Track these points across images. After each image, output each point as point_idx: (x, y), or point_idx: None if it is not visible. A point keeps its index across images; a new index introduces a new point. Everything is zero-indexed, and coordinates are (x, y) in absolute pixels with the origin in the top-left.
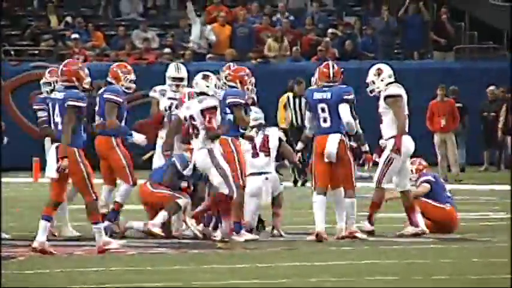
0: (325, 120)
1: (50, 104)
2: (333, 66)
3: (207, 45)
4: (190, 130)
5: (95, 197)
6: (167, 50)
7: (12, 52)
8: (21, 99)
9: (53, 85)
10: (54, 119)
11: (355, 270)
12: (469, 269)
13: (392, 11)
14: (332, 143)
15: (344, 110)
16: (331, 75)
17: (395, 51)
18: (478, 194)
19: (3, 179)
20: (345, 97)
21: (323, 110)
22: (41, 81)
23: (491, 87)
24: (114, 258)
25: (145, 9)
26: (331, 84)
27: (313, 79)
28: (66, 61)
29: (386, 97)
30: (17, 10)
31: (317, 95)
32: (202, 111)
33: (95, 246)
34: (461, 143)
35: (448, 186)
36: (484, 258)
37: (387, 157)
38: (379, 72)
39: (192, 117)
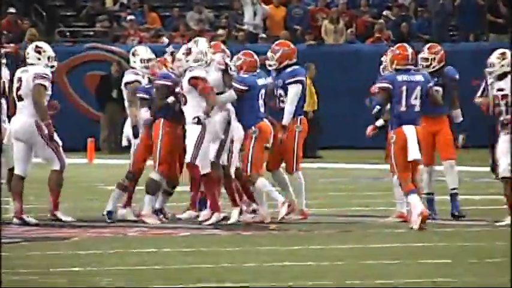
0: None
1: (404, 87)
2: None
3: (262, 23)
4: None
5: None
6: (221, 31)
7: (67, 33)
8: (76, 80)
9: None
10: (410, 101)
11: (409, 253)
12: None
13: None
14: None
15: None
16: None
17: (451, 33)
18: None
19: None
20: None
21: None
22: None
23: None
24: (168, 239)
25: None
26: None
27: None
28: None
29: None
30: None
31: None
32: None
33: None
34: None
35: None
36: None
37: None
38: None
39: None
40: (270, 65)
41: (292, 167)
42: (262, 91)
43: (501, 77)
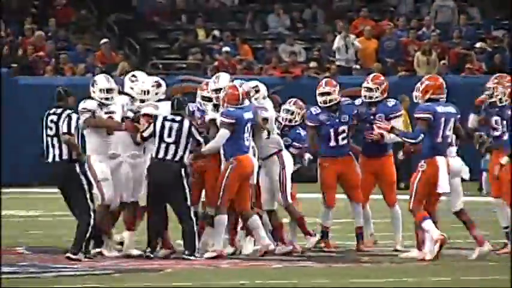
0: None
1: (443, 118)
2: None
3: (354, 56)
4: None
5: None
6: (313, 63)
7: (160, 66)
8: None
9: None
10: (445, 132)
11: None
12: None
13: None
14: None
15: None
16: None
17: None
18: None
19: None
20: None
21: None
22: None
23: None
24: (260, 271)
25: (292, 23)
26: None
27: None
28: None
29: None
30: (166, 24)
31: None
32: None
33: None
34: None
35: None
36: None
37: None
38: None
39: None
40: (370, 97)
41: (395, 199)
42: (249, 125)
43: None
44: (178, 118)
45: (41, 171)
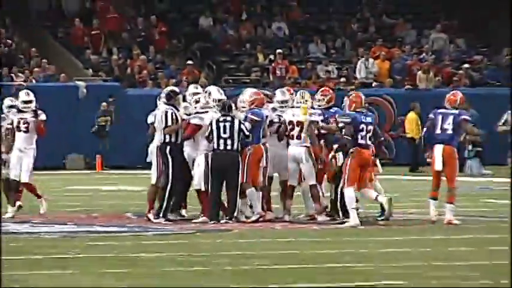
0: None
1: (440, 116)
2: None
3: (373, 75)
4: None
5: None
6: (343, 79)
7: (230, 81)
8: None
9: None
10: (443, 126)
11: None
12: None
13: None
14: None
15: None
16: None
17: None
18: None
19: None
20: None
21: None
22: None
23: None
24: (303, 232)
25: (327, 49)
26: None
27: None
28: None
29: None
30: (235, 50)
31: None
32: None
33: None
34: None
35: None
36: None
37: None
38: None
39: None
40: (319, 106)
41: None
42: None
43: None
44: (229, 118)
45: (144, 157)
